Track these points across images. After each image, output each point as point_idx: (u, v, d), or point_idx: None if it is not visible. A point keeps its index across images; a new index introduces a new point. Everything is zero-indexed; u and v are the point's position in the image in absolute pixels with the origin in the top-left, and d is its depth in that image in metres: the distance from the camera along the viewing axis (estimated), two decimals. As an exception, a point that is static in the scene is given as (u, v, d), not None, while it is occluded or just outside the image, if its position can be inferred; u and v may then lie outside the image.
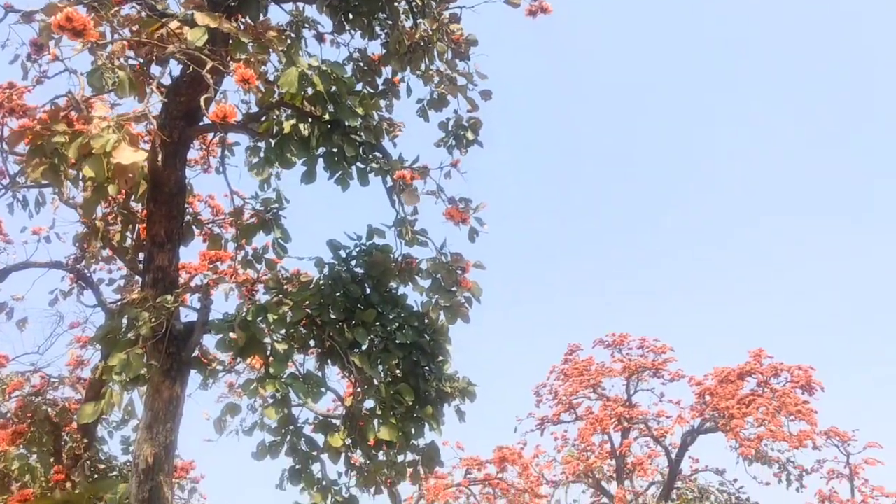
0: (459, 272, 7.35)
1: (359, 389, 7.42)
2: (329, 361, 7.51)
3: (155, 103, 6.69)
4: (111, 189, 5.66)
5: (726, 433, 20.09)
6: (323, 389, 7.25)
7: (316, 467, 7.13)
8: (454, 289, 7.34)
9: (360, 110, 6.96)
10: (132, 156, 5.09)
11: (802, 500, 26.29)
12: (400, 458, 7.60)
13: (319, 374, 7.46)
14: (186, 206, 8.00)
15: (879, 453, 23.85)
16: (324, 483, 7.11)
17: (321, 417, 7.57)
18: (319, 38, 8.81)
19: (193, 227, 8.76)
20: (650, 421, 23.06)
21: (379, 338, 7.44)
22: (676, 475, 23.17)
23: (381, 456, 7.43)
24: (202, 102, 6.32)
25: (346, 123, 6.89)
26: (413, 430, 7.33)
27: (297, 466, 6.99)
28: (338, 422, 7.52)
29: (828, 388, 21.05)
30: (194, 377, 7.15)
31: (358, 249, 7.81)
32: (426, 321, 7.59)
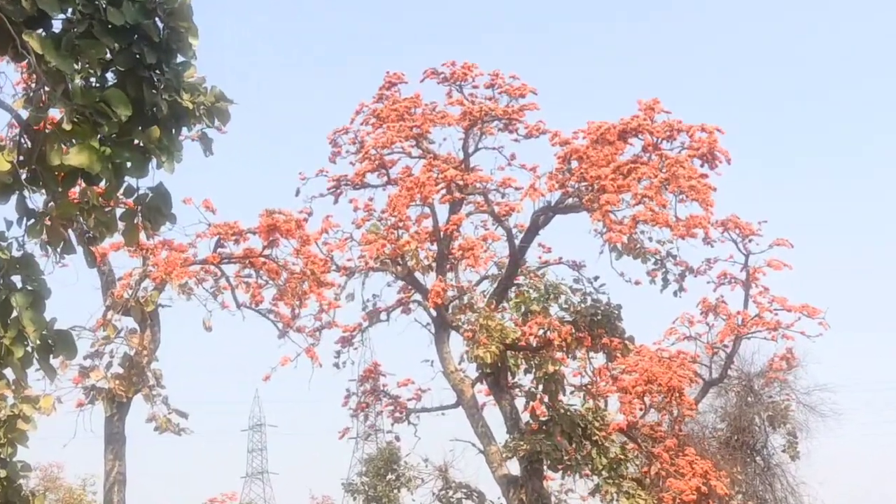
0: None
1: (42, 91, 7.05)
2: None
3: None
4: None
5: (592, 212, 21.19)
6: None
7: (-32, 206, 6.89)
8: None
9: None
10: None
11: (680, 307, 29.06)
12: (107, 209, 7.49)
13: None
14: None
15: (787, 255, 26.40)
16: (-19, 232, 6.94)
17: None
18: None
19: None
20: (492, 192, 24.01)
21: (78, 14, 7.00)
22: (519, 267, 24.56)
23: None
24: None
25: None
26: (129, 163, 7.19)
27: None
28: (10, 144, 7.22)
29: (736, 163, 22.51)
30: None
31: None
32: (158, -4, 7.22)
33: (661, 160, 21.80)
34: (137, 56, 7.13)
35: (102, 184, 7.23)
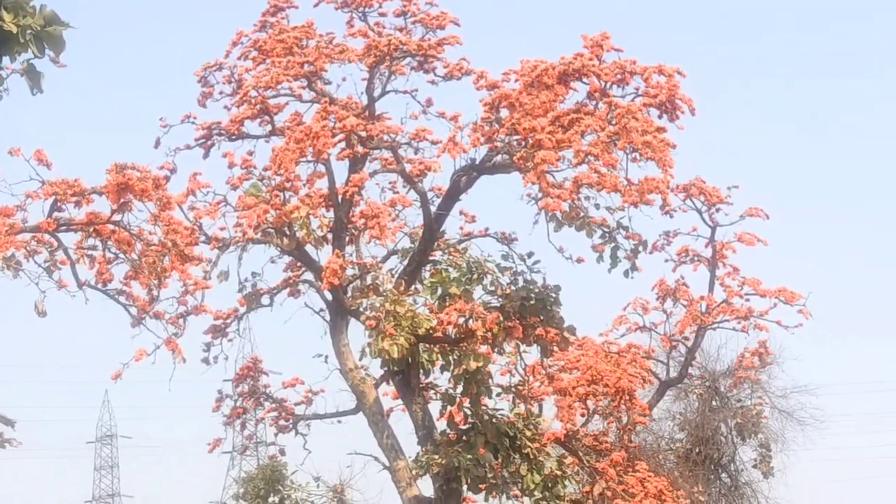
0: None
1: None
2: None
3: None
4: None
5: (525, 173, 21.02)
6: None
7: None
8: None
9: None
10: None
11: (631, 290, 29.07)
12: None
13: None
14: None
15: (762, 228, 26.48)
16: None
17: None
18: None
19: None
20: (403, 146, 23.78)
21: None
22: (435, 240, 24.33)
23: None
24: None
25: None
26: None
27: None
28: None
29: (702, 114, 22.40)
30: None
31: None
32: None
33: (611, 109, 21.54)
34: (-57, -38, 6.82)
35: None
